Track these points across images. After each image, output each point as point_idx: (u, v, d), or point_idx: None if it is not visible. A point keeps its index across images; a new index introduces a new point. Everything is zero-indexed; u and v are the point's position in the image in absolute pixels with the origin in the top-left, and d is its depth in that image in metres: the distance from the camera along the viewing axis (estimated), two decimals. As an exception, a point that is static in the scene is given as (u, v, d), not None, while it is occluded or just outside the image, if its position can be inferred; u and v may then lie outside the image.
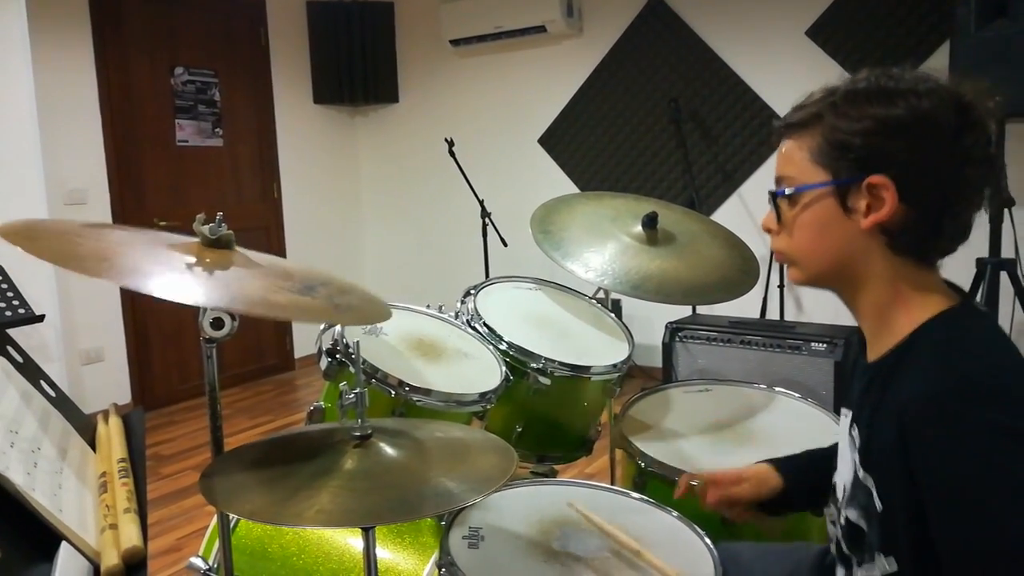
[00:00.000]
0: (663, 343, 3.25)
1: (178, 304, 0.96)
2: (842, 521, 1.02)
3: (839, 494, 1.04)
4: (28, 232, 1.06)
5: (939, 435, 0.83)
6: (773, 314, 3.86)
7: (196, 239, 1.17)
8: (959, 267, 1.19)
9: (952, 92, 0.90)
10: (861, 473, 0.95)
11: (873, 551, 0.95)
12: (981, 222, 0.96)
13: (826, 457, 1.25)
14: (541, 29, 4.56)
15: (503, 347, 1.80)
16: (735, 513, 1.32)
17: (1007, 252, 2.95)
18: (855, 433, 0.99)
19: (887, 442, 0.88)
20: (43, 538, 0.82)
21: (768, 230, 1.04)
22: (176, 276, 1.06)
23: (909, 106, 0.89)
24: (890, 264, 0.94)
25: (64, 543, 0.82)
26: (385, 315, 1.26)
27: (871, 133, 0.90)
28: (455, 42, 4.90)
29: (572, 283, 2.08)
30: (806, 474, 1.29)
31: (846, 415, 1.05)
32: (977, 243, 0.99)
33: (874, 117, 0.90)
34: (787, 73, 4.03)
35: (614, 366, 1.85)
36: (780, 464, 1.30)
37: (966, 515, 0.81)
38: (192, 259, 1.11)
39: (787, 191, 0.99)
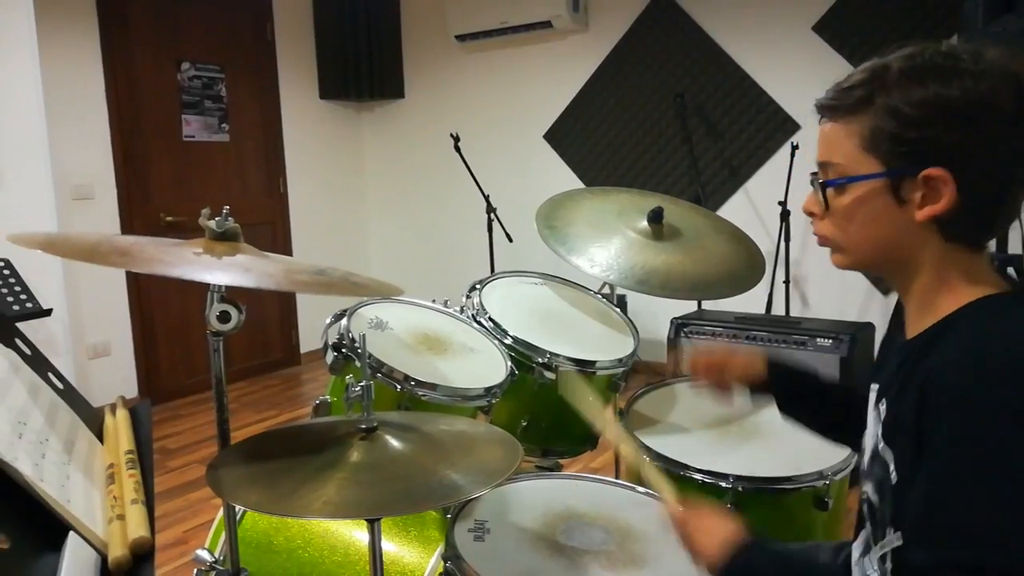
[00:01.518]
0: (668, 338, 3.26)
1: (184, 298, 0.97)
2: (863, 496, 1.02)
3: (864, 468, 1.04)
4: (47, 240, 1.07)
5: (948, 405, 0.81)
6: (778, 309, 3.86)
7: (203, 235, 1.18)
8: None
9: (1009, 72, 0.85)
10: (881, 445, 0.94)
11: (885, 526, 0.94)
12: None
13: (824, 385, 1.33)
14: (547, 24, 4.55)
15: (508, 342, 1.80)
16: (720, 385, 1.37)
17: (1014, 248, 2.93)
18: (882, 407, 0.97)
19: (908, 413, 0.87)
20: (51, 528, 0.83)
21: (811, 213, 1.00)
22: (196, 261, 1.07)
23: (965, 89, 0.84)
24: (941, 251, 0.91)
25: (72, 533, 0.83)
26: (396, 292, 1.27)
27: (927, 122, 0.85)
28: (461, 37, 4.90)
29: (577, 278, 2.08)
30: (789, 381, 1.33)
31: (873, 390, 1.03)
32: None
33: (929, 103, 0.85)
34: (793, 68, 4.01)
35: (619, 361, 1.85)
36: (772, 362, 1.33)
37: (949, 487, 0.80)
38: (200, 250, 1.11)
39: (837, 181, 0.94)
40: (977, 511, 0.78)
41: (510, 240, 4.29)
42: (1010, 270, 2.81)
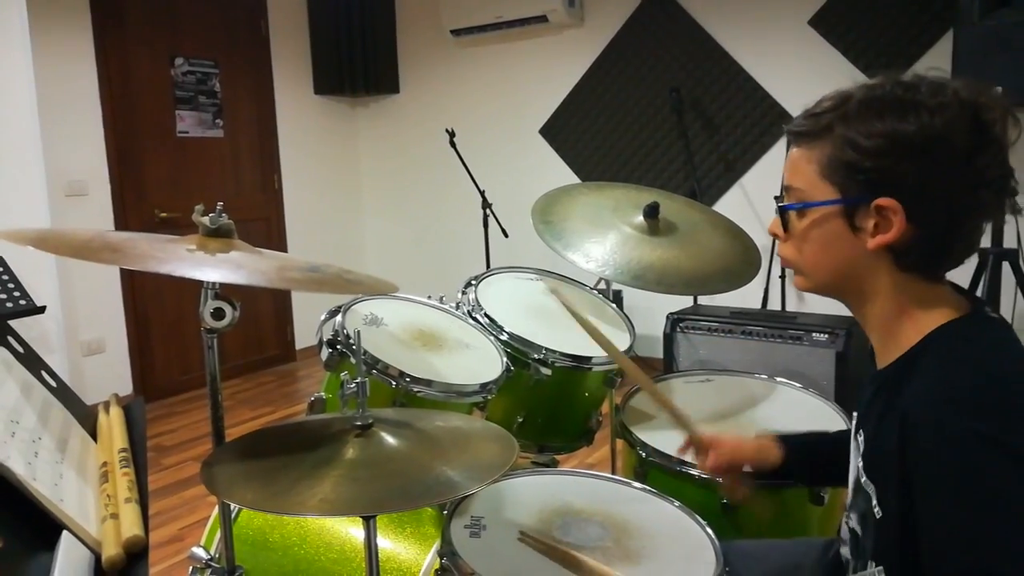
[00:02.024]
0: (664, 334, 3.25)
1: (179, 295, 0.97)
2: (847, 522, 1.02)
3: (848, 499, 1.04)
4: (39, 237, 1.06)
5: (930, 444, 0.82)
6: (774, 304, 3.86)
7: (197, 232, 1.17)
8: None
9: (969, 106, 0.86)
10: (863, 479, 0.95)
11: (866, 558, 0.95)
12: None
13: (834, 441, 1.27)
14: (542, 19, 4.54)
15: (504, 338, 1.80)
16: (730, 480, 1.32)
17: (1009, 242, 2.94)
18: (860, 439, 0.98)
19: (888, 449, 0.88)
20: (44, 528, 0.82)
21: (775, 235, 1.03)
22: (188, 258, 1.06)
23: (921, 124, 0.86)
24: (896, 280, 0.93)
25: (65, 532, 0.82)
26: (391, 289, 1.26)
27: (881, 153, 0.88)
28: (456, 32, 4.88)
29: (573, 274, 2.07)
30: (808, 454, 1.30)
31: (854, 418, 1.05)
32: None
33: (885, 135, 0.87)
34: (790, 63, 4.01)
35: (615, 356, 1.84)
36: (784, 439, 1.30)
37: (948, 527, 0.81)
38: (193, 247, 1.11)
39: (795, 205, 0.97)
40: (983, 547, 0.78)
41: (506, 236, 4.28)
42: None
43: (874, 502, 0.92)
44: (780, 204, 1.00)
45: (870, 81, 0.92)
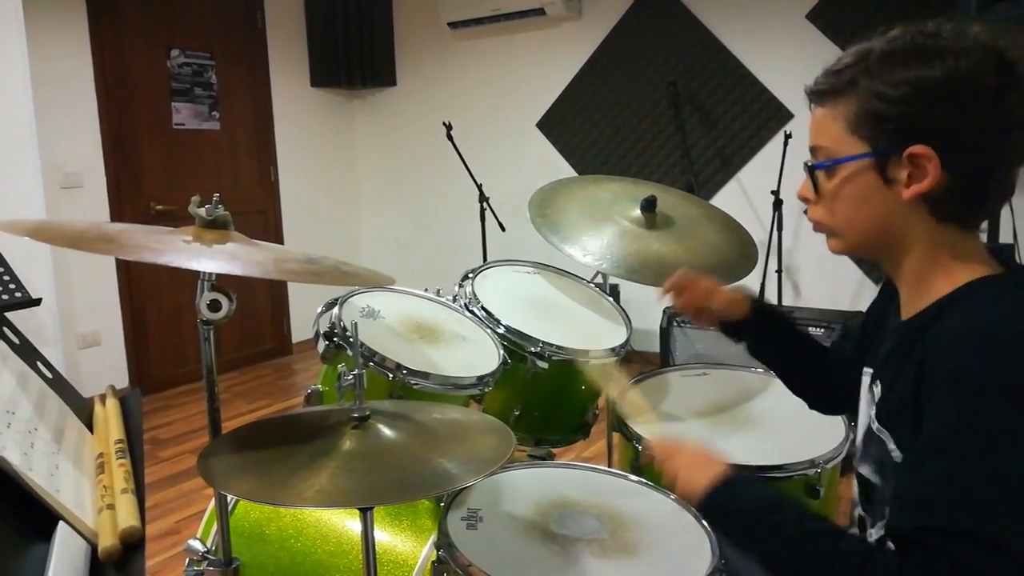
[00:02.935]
0: (661, 328, 3.26)
1: (175, 288, 0.96)
2: (858, 478, 1.02)
3: (858, 452, 1.04)
4: (35, 227, 1.06)
5: (944, 380, 0.82)
6: (771, 299, 3.87)
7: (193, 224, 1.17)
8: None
9: (992, 48, 0.85)
10: (875, 426, 0.94)
11: (884, 505, 0.94)
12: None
13: (805, 336, 1.35)
14: (540, 12, 4.52)
15: (501, 331, 1.80)
16: (699, 319, 1.38)
17: (1005, 237, 2.95)
18: (876, 389, 0.97)
19: (906, 391, 0.87)
20: (40, 518, 0.82)
21: (805, 199, 1.01)
22: (185, 249, 1.06)
23: (947, 68, 0.84)
24: (932, 231, 0.91)
25: (61, 523, 0.82)
26: (388, 281, 1.26)
27: (909, 101, 0.86)
28: (453, 25, 4.87)
29: (570, 267, 2.07)
30: (774, 327, 1.34)
31: (867, 373, 1.04)
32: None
33: (911, 83, 0.86)
34: (787, 57, 4.00)
35: (612, 350, 1.85)
36: (757, 304, 1.34)
37: (943, 458, 0.81)
38: (190, 238, 1.11)
39: (824, 163, 0.95)
40: (973, 484, 0.78)
41: (503, 229, 4.28)
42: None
43: (891, 446, 0.91)
44: (809, 164, 0.97)
45: (890, 33, 0.91)
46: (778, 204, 3.72)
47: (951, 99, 0.85)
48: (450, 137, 4.21)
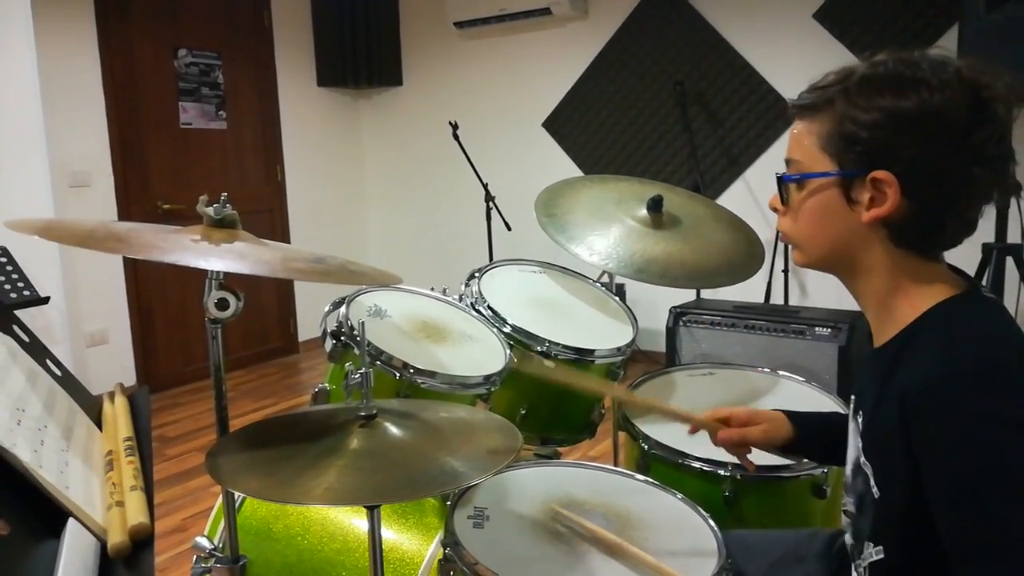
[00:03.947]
0: (667, 327, 3.25)
1: (182, 287, 0.97)
2: (843, 507, 1.03)
3: (846, 481, 1.04)
4: (44, 226, 1.06)
5: (935, 424, 0.83)
6: (777, 299, 3.86)
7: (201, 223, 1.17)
8: (965, 252, 1.18)
9: (970, 84, 0.87)
10: (861, 459, 0.95)
11: (863, 540, 0.95)
12: (988, 207, 0.94)
13: (843, 419, 1.27)
14: (546, 11, 4.52)
15: (507, 330, 1.80)
16: (740, 454, 1.32)
17: (1013, 238, 2.93)
18: (859, 419, 0.99)
19: (889, 428, 0.88)
20: (50, 515, 0.83)
21: (775, 209, 1.04)
22: (193, 248, 1.06)
23: (920, 100, 0.87)
24: (891, 255, 0.94)
25: (71, 520, 0.83)
26: (395, 280, 1.27)
27: (878, 127, 0.89)
28: (459, 24, 4.87)
29: (576, 266, 2.07)
30: (818, 433, 1.30)
31: (852, 400, 1.05)
32: (984, 228, 0.98)
33: (883, 109, 0.88)
34: (794, 56, 4.00)
35: (618, 349, 1.85)
36: (794, 417, 1.30)
37: (962, 506, 0.81)
38: (198, 237, 1.11)
39: (793, 176, 0.98)
40: (1000, 523, 0.79)
41: (509, 228, 4.28)
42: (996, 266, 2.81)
43: (872, 482, 0.92)
44: (778, 175, 1.01)
45: (875, 57, 0.93)
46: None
47: (919, 130, 0.87)
48: (456, 137, 4.22)
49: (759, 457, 1.52)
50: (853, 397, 1.05)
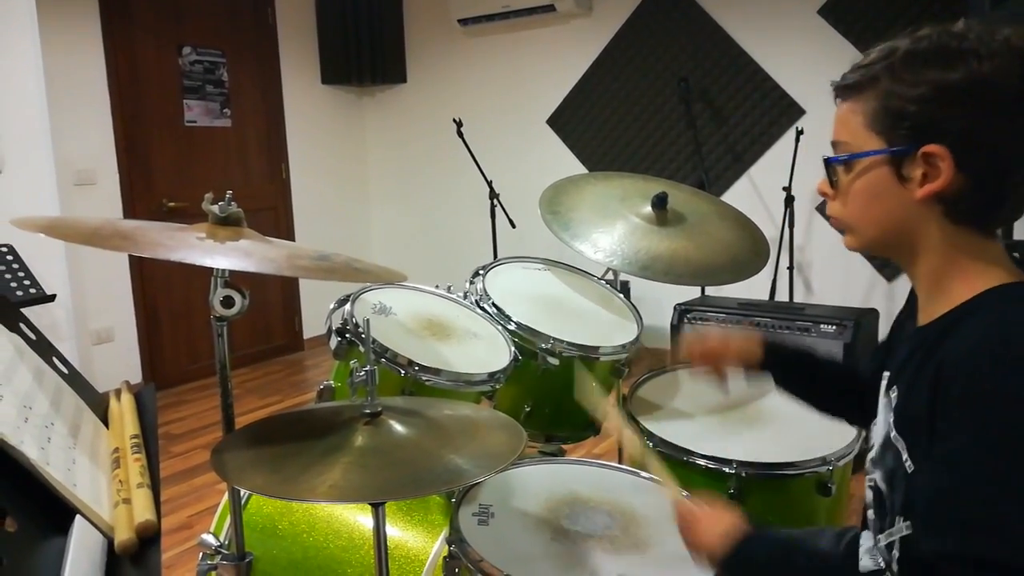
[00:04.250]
0: (672, 324, 3.26)
1: (187, 285, 0.97)
2: (869, 483, 1.02)
3: (872, 455, 1.03)
4: (49, 224, 1.07)
5: (962, 393, 0.81)
6: (782, 296, 3.85)
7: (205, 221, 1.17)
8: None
9: (1020, 51, 0.84)
10: (893, 434, 0.94)
11: (894, 514, 0.94)
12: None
13: (821, 363, 1.33)
14: (550, 8, 4.52)
15: (512, 327, 1.80)
16: (718, 370, 1.36)
17: (1020, 235, 2.92)
18: (893, 394, 0.97)
19: (921, 401, 0.86)
20: (57, 512, 0.83)
21: (823, 194, 1.01)
22: (198, 246, 1.06)
23: (968, 70, 0.84)
24: (947, 233, 0.91)
25: (78, 517, 0.83)
26: (400, 277, 1.27)
27: (927, 100, 0.86)
28: (463, 21, 4.87)
29: (581, 264, 2.07)
30: (786, 362, 1.33)
31: (885, 377, 1.03)
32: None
33: (931, 83, 0.86)
34: (799, 52, 3.98)
35: (622, 347, 1.85)
36: (769, 345, 1.33)
37: (954, 476, 0.80)
38: (203, 235, 1.11)
39: (840, 158, 0.96)
40: (988, 503, 0.78)
41: (513, 226, 4.28)
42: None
43: (905, 456, 0.90)
44: (825, 158, 0.98)
45: (918, 32, 0.91)
46: (790, 200, 3.70)
47: (968, 102, 0.85)
48: (460, 134, 4.21)
49: (763, 455, 1.52)
50: (887, 373, 1.02)
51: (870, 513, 1.05)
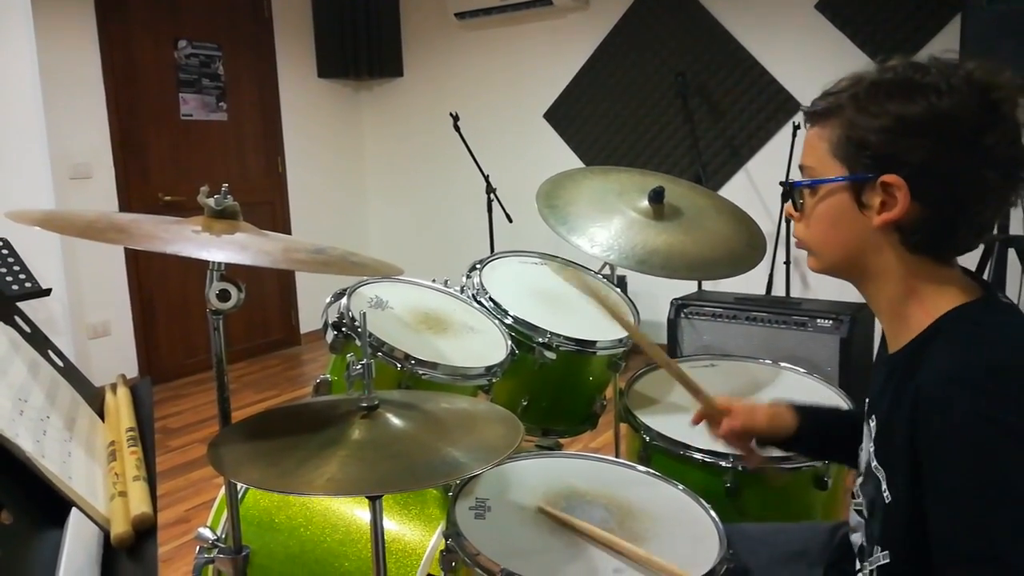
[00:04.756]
0: (668, 319, 3.25)
1: (183, 279, 0.97)
2: (856, 508, 1.03)
3: (859, 482, 1.04)
4: (45, 217, 1.06)
5: (938, 423, 0.83)
6: (779, 290, 3.86)
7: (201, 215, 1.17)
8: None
9: (981, 86, 0.86)
10: (874, 463, 0.96)
11: (873, 543, 0.95)
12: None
13: (847, 416, 1.30)
14: (547, 2, 4.51)
15: (509, 321, 1.80)
16: (742, 447, 1.32)
17: (1016, 229, 2.93)
18: (872, 424, 0.99)
19: (900, 433, 0.88)
20: (53, 505, 0.83)
21: (791, 216, 1.05)
22: (194, 239, 1.06)
23: (929, 105, 0.87)
24: (904, 260, 0.93)
25: (74, 510, 0.83)
26: (397, 271, 1.27)
27: (887, 131, 0.89)
28: (460, 15, 4.85)
29: (578, 258, 2.07)
30: (821, 427, 1.30)
31: (867, 404, 1.05)
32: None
33: (892, 114, 0.88)
34: (796, 47, 3.98)
35: (619, 341, 1.85)
36: (799, 410, 1.29)
37: (953, 509, 0.81)
38: (199, 228, 1.11)
39: (804, 182, 0.99)
40: (990, 532, 0.79)
41: (510, 220, 4.28)
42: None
43: (884, 487, 0.92)
44: (790, 182, 1.01)
45: (886, 64, 0.93)
46: (786, 195, 3.70)
47: (927, 134, 0.87)
48: (457, 128, 4.20)
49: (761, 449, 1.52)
50: (868, 401, 1.04)
51: (855, 537, 1.06)
